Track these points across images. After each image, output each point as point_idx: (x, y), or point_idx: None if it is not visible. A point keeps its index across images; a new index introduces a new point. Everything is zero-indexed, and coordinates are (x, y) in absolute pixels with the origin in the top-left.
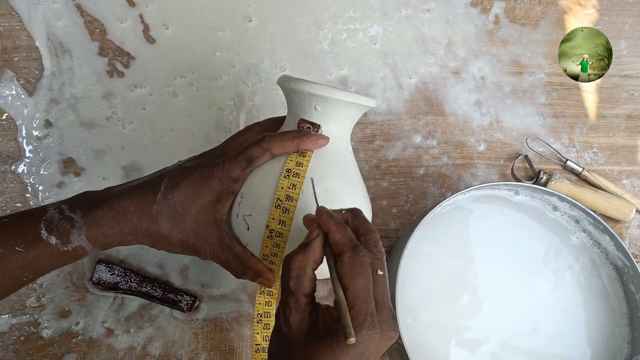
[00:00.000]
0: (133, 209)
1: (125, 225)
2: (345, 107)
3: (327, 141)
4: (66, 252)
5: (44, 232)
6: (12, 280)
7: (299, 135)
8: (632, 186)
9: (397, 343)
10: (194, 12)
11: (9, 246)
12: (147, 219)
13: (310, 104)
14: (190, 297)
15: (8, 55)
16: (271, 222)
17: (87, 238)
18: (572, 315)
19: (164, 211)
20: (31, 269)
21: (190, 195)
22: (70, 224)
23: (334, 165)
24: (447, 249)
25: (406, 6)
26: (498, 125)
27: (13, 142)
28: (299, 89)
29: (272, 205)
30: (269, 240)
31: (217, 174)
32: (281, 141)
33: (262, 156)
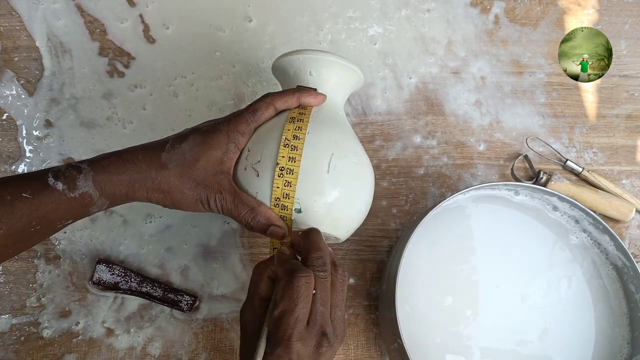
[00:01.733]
0: (141, 157)
1: (133, 172)
2: (337, 69)
3: (325, 98)
4: (73, 200)
5: (51, 179)
6: (21, 229)
7: (300, 90)
8: (632, 186)
9: (397, 343)
10: (194, 12)
11: (16, 193)
12: (156, 166)
13: (305, 71)
14: (191, 297)
15: (8, 55)
16: (281, 159)
17: (94, 183)
18: (572, 315)
19: (173, 158)
20: (38, 217)
21: (198, 145)
22: (77, 171)
23: (333, 120)
24: (447, 249)
25: (406, 6)
26: (498, 125)
27: (13, 142)
28: (294, 57)
29: (281, 145)
30: (280, 179)
31: (224, 127)
32: (283, 96)
33: (266, 110)
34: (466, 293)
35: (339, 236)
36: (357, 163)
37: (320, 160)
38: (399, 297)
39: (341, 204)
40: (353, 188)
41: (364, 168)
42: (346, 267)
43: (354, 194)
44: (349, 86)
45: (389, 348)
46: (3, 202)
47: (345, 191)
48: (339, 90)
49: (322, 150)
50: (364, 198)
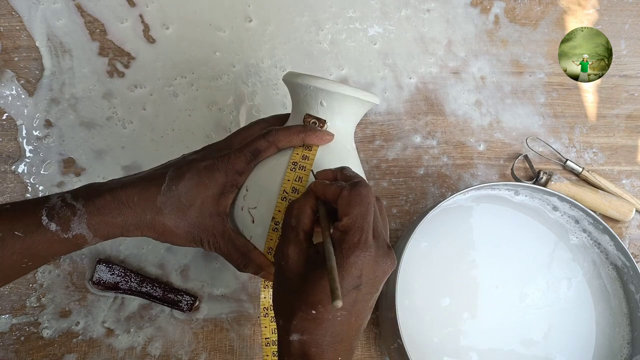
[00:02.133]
0: (137, 200)
1: (129, 216)
2: (350, 103)
3: (332, 137)
4: (66, 240)
5: (45, 219)
6: (11, 265)
7: (305, 130)
8: (632, 186)
9: (397, 343)
10: (194, 12)
11: (8, 230)
12: (151, 211)
13: (316, 100)
14: (191, 297)
15: (8, 55)
16: (277, 214)
17: (88, 226)
18: (572, 315)
19: (169, 202)
20: (30, 255)
21: (194, 187)
22: (72, 212)
23: (338, 161)
24: (447, 249)
25: (406, 6)
26: (498, 125)
27: (13, 142)
28: (306, 84)
29: (278, 198)
30: (274, 233)
31: (222, 166)
32: (287, 135)
33: (267, 149)
34: (466, 293)
35: None
36: None
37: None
38: (399, 297)
39: None
40: None
41: None
42: None
43: None
44: (361, 114)
45: (389, 348)
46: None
47: None
48: (350, 122)
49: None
50: None
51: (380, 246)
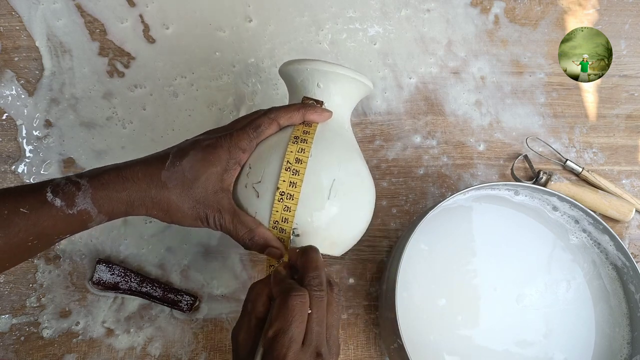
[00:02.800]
0: (141, 175)
1: (133, 191)
2: (346, 83)
3: (330, 114)
4: (71, 216)
5: (50, 195)
6: (18, 244)
7: (305, 107)
8: (632, 186)
9: (397, 343)
10: (194, 12)
11: (13, 207)
12: (155, 185)
13: (313, 82)
14: (190, 297)
15: (8, 55)
16: (282, 184)
17: (93, 201)
18: (572, 315)
19: (173, 177)
20: (36, 233)
21: (198, 162)
22: (76, 187)
23: (338, 137)
24: (447, 249)
25: (406, 6)
26: (498, 125)
27: (13, 142)
28: (303, 67)
29: (282, 168)
30: (280, 204)
31: (225, 143)
32: (287, 111)
33: (269, 126)
34: (466, 293)
35: (335, 254)
36: (359, 186)
37: (321, 186)
38: (399, 297)
39: (340, 228)
40: (353, 212)
41: (366, 190)
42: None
43: (354, 217)
44: (357, 97)
45: (389, 348)
46: (1, 216)
47: (345, 216)
48: (346, 103)
49: (325, 175)
50: (364, 219)
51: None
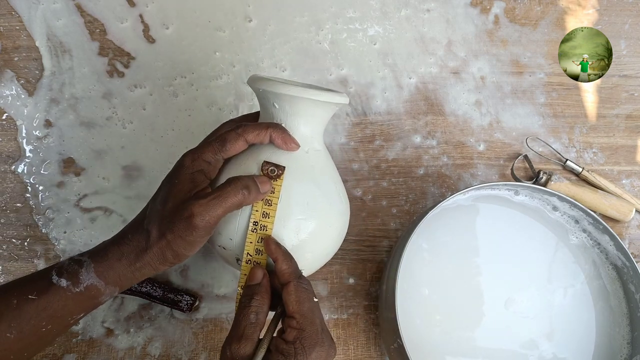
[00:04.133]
0: (130, 235)
1: (129, 252)
2: (302, 104)
3: (297, 147)
4: (79, 294)
5: (55, 277)
6: (32, 332)
7: (273, 127)
8: (632, 186)
9: (397, 343)
10: (194, 12)
11: (21, 296)
12: (144, 237)
13: (268, 101)
14: (190, 297)
15: (8, 55)
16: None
17: (97, 274)
18: (572, 315)
19: (151, 217)
20: (47, 317)
21: (164, 189)
22: (79, 265)
23: (307, 170)
24: (446, 249)
25: (406, 6)
26: (498, 125)
27: (13, 142)
28: (256, 87)
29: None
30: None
31: (188, 157)
32: (255, 129)
33: (235, 141)
34: (466, 293)
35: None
36: (327, 212)
37: (288, 233)
38: (399, 297)
39: (311, 252)
40: (320, 239)
41: (335, 214)
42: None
43: (321, 243)
44: (322, 116)
45: (389, 348)
46: (10, 306)
47: (313, 242)
48: (309, 123)
49: (291, 225)
50: (331, 247)
51: (327, 337)
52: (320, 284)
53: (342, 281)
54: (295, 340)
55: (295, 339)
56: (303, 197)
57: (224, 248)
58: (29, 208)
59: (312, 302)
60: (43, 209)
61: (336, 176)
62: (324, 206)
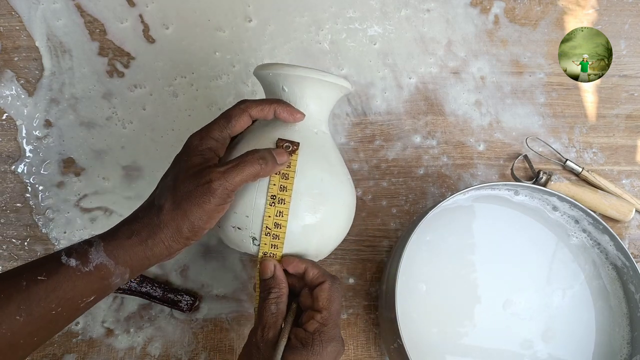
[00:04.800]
0: (141, 214)
1: (140, 230)
2: (310, 85)
3: (302, 116)
4: (89, 274)
5: (64, 257)
6: (42, 314)
7: (277, 102)
8: (632, 186)
9: (397, 343)
10: (194, 12)
11: (31, 277)
12: (155, 213)
13: (277, 85)
14: (190, 297)
15: (8, 55)
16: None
17: (107, 253)
18: (572, 315)
19: (163, 195)
20: (57, 298)
21: (175, 167)
22: (89, 245)
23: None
24: (447, 249)
25: (406, 6)
26: (498, 125)
27: (13, 142)
28: (265, 72)
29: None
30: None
31: (195, 136)
32: (259, 104)
33: (240, 116)
34: (467, 293)
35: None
36: (338, 192)
37: (300, 212)
38: (399, 297)
39: (320, 235)
40: (332, 219)
41: (345, 194)
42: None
43: (333, 224)
44: (329, 99)
45: (389, 348)
46: (19, 288)
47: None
48: (317, 105)
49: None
50: (343, 224)
51: (340, 336)
52: None
53: (342, 281)
54: (315, 332)
55: (315, 331)
56: (318, 173)
57: (239, 228)
58: (29, 208)
59: (339, 304)
60: (43, 209)
61: (342, 159)
62: (337, 183)
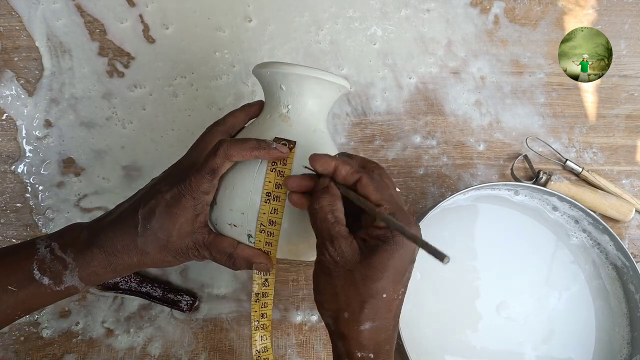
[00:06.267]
0: (120, 247)
1: (118, 264)
2: (308, 83)
3: (287, 153)
4: (58, 292)
5: (37, 273)
6: (4, 318)
7: (259, 148)
8: (632, 186)
9: (397, 343)
10: (194, 12)
11: (2, 286)
12: (136, 254)
13: (275, 84)
14: (190, 297)
15: (8, 55)
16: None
17: (80, 278)
18: (572, 315)
19: (148, 242)
20: (24, 308)
21: (167, 220)
22: (63, 266)
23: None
24: (447, 249)
25: (406, 6)
26: (498, 125)
27: (13, 142)
28: (263, 71)
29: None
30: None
31: (186, 192)
32: (240, 149)
33: (222, 164)
34: (466, 293)
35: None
36: None
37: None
38: None
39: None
40: None
41: None
42: None
43: None
44: (328, 98)
45: None
46: None
47: None
48: (315, 103)
49: None
50: None
51: (413, 219)
52: None
53: None
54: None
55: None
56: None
57: (235, 225)
58: (29, 208)
59: (393, 186)
60: (43, 209)
61: None
62: None
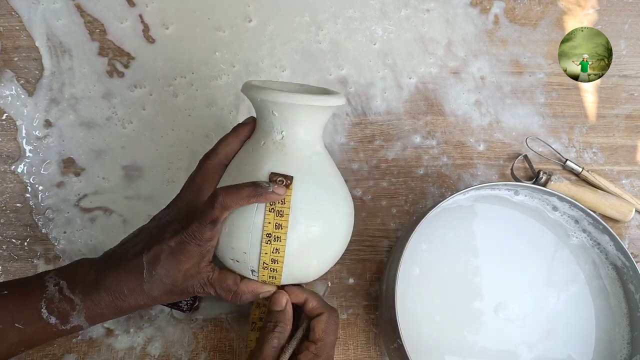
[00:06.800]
0: (127, 292)
1: (124, 307)
2: (301, 110)
3: (284, 193)
4: (64, 331)
5: (45, 312)
6: (7, 352)
7: (255, 194)
8: (632, 186)
9: (397, 343)
10: (194, 12)
11: (8, 322)
12: (142, 298)
13: (267, 110)
14: (190, 297)
15: (8, 55)
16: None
17: (86, 318)
18: (572, 315)
19: (154, 287)
20: (28, 344)
21: (172, 267)
22: (71, 307)
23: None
24: (446, 249)
25: (406, 6)
26: (498, 125)
27: (13, 142)
28: (254, 97)
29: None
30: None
31: (190, 240)
32: (237, 199)
33: (221, 215)
34: (466, 293)
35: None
36: (333, 216)
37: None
38: (399, 297)
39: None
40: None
41: (341, 217)
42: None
43: (330, 253)
44: (321, 119)
45: (388, 348)
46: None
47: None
48: (309, 128)
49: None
50: (341, 249)
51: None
52: (320, 284)
53: (342, 281)
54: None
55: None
56: (311, 205)
57: (238, 261)
58: (29, 208)
59: (335, 335)
60: (43, 209)
61: (340, 177)
62: (332, 210)
